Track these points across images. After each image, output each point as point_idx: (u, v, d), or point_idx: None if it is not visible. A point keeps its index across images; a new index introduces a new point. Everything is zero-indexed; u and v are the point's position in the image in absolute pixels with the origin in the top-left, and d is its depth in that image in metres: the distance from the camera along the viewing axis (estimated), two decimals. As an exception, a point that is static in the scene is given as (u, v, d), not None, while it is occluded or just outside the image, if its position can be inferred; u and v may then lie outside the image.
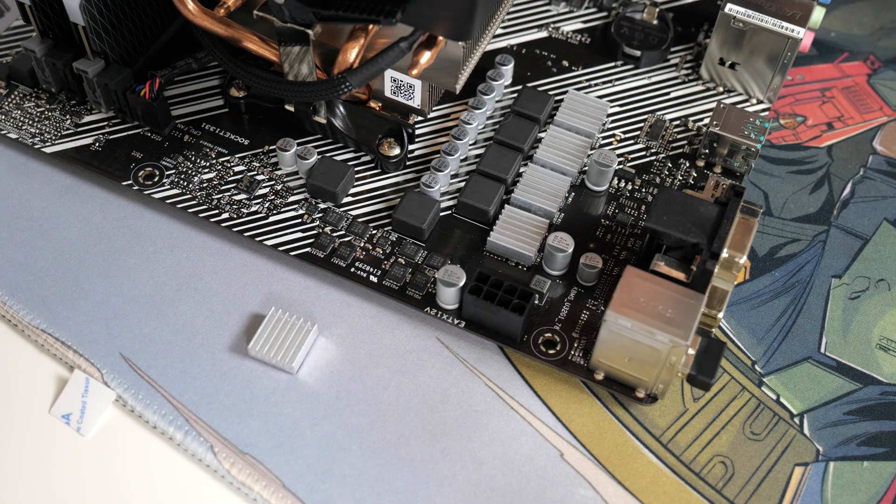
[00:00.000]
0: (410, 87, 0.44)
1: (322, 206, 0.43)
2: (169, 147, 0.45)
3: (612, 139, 0.46)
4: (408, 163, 0.45)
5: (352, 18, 0.38)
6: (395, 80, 0.43)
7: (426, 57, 0.40)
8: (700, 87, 0.48)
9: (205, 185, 0.44)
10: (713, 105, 0.47)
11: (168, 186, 0.44)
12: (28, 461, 0.38)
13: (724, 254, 0.38)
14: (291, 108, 0.45)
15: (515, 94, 0.47)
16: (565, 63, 0.49)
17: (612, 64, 0.49)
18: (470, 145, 0.45)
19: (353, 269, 0.42)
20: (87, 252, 0.43)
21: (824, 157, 0.48)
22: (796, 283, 0.44)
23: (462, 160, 0.45)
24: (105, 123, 0.46)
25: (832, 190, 0.47)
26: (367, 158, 0.45)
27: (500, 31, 0.50)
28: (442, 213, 0.44)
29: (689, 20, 0.51)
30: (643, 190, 0.44)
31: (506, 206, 0.43)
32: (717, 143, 0.44)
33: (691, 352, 0.38)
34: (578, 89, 0.48)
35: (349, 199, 0.44)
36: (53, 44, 0.44)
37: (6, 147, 0.46)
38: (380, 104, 0.45)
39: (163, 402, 0.39)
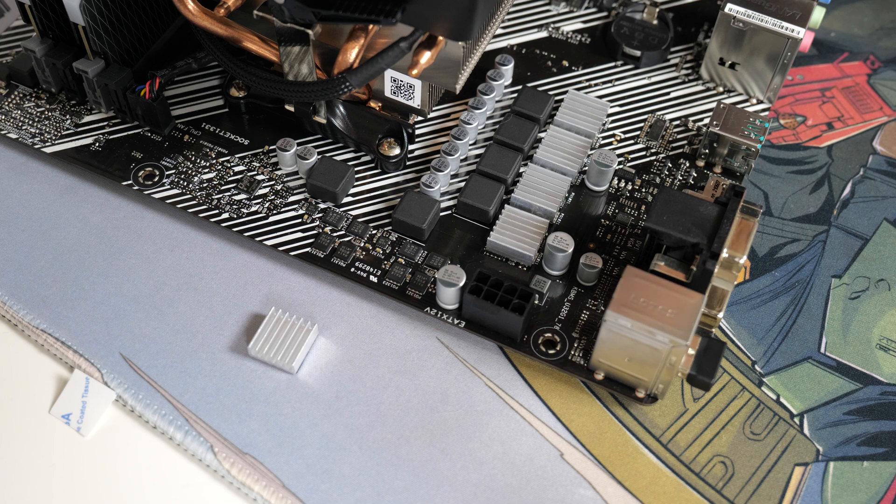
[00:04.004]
0: (410, 87, 0.44)
1: (322, 206, 0.43)
2: (169, 147, 0.45)
3: (612, 139, 0.46)
4: (408, 163, 0.45)
5: (352, 18, 0.38)
6: (395, 80, 0.43)
7: (426, 57, 0.40)
8: (700, 87, 0.48)
9: (205, 185, 0.44)
10: (713, 105, 0.47)
11: (168, 186, 0.44)
12: (28, 461, 0.38)
13: (724, 254, 0.38)
14: (291, 108, 0.45)
15: (515, 94, 0.47)
16: (565, 63, 0.49)
17: (612, 64, 0.49)
18: (470, 145, 0.45)
19: (353, 269, 0.42)
20: (87, 252, 0.43)
21: (824, 157, 0.48)
22: (796, 283, 0.44)
23: (462, 160, 0.45)
24: (105, 123, 0.46)
25: (832, 190, 0.47)
26: (367, 158, 0.45)
27: (500, 31, 0.50)
28: (442, 213, 0.44)
29: (689, 20, 0.51)
30: (643, 190, 0.44)
31: (506, 206, 0.43)
32: (717, 143, 0.44)
33: (691, 352, 0.38)
34: (578, 89, 0.48)
35: (349, 199, 0.44)
36: (53, 44, 0.44)
37: (6, 147, 0.46)
38: (380, 104, 0.45)
39: (163, 402, 0.39)
